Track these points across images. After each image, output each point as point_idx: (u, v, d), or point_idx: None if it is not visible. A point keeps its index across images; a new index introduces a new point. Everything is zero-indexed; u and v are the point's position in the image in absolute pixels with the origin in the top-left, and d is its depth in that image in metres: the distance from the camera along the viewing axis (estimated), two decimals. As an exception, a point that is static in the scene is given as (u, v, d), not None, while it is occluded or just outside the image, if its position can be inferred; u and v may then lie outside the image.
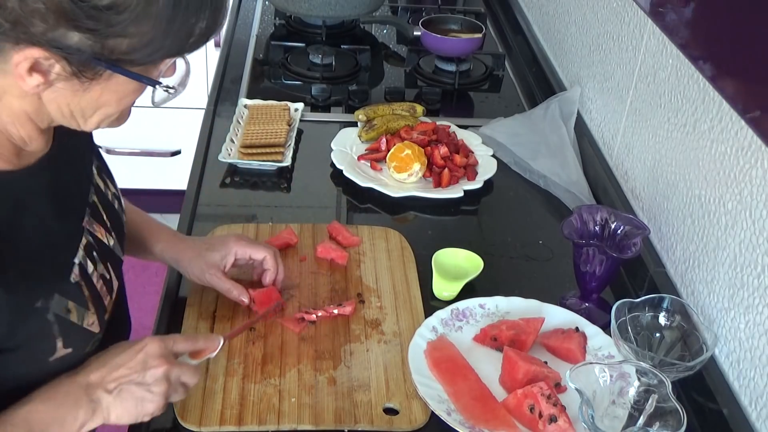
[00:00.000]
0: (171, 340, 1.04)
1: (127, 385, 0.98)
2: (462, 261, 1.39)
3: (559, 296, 1.37)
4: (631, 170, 1.54)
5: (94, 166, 1.09)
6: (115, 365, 0.99)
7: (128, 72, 0.86)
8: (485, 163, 1.69)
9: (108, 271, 1.04)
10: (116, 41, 0.83)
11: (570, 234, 1.30)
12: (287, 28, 2.28)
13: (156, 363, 0.99)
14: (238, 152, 1.65)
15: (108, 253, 1.05)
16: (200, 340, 1.08)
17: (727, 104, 0.85)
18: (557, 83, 1.94)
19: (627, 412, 1.10)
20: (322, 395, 1.14)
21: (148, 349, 1.00)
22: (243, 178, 1.63)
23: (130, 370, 0.99)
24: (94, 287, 1.00)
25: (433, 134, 1.71)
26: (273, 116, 1.75)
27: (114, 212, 1.10)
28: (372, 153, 1.68)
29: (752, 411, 1.11)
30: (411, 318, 1.28)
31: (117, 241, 1.09)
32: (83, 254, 1.00)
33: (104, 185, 1.10)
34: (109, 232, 1.07)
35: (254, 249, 1.26)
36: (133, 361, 0.99)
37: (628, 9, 1.57)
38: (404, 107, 1.79)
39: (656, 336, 1.20)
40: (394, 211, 1.57)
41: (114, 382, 0.98)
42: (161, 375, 0.99)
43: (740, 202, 1.15)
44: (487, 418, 1.10)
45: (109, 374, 0.98)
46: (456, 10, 2.45)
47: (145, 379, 0.99)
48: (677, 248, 1.34)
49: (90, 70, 0.85)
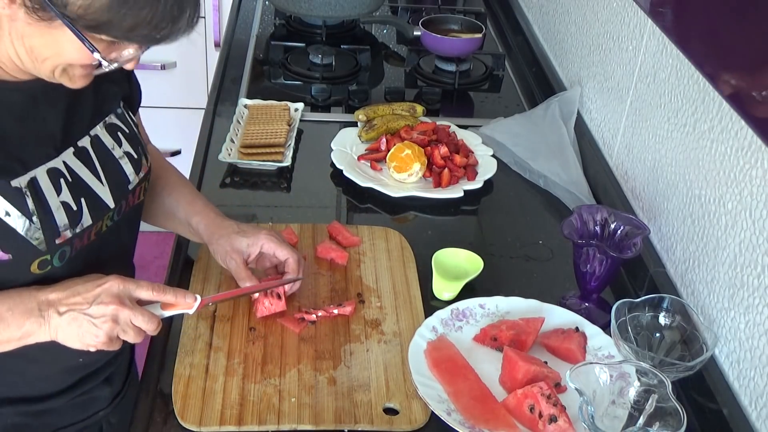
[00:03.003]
0: (134, 284, 1.06)
1: (75, 313, 1.03)
2: (462, 261, 1.39)
3: (559, 296, 1.37)
4: (631, 170, 1.54)
5: (105, 123, 1.14)
6: (74, 291, 1.04)
7: (74, 28, 0.90)
8: (485, 163, 1.69)
9: (78, 205, 1.07)
10: None
11: (570, 234, 1.30)
12: (287, 28, 2.28)
13: (107, 300, 1.03)
14: (238, 152, 1.65)
15: (86, 191, 1.09)
16: (168, 293, 1.09)
17: (727, 104, 0.85)
18: (557, 83, 1.94)
19: (627, 412, 1.10)
20: (322, 395, 1.14)
21: (107, 285, 1.04)
22: (243, 178, 1.63)
23: (83, 300, 1.04)
24: (46, 206, 1.03)
25: (433, 134, 1.72)
26: (273, 116, 1.75)
27: (116, 166, 1.14)
28: (372, 153, 1.68)
29: (752, 411, 1.11)
30: (411, 318, 1.28)
31: (110, 191, 1.12)
32: (45, 176, 1.04)
33: (115, 143, 1.15)
34: (98, 178, 1.11)
35: (281, 248, 1.27)
36: (90, 293, 1.04)
37: (628, 9, 1.57)
38: (404, 107, 1.79)
39: (656, 336, 1.20)
40: (394, 211, 1.58)
41: (66, 306, 1.03)
42: (108, 313, 1.03)
43: (740, 202, 1.15)
44: (487, 418, 1.10)
45: (66, 298, 1.03)
46: (456, 10, 2.45)
47: (93, 312, 1.03)
48: (677, 248, 1.34)
49: (43, 11, 0.89)
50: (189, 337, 1.21)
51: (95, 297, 1.04)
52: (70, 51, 0.94)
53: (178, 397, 1.11)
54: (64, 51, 0.94)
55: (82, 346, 1.05)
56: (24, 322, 1.02)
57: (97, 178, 1.11)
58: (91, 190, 1.10)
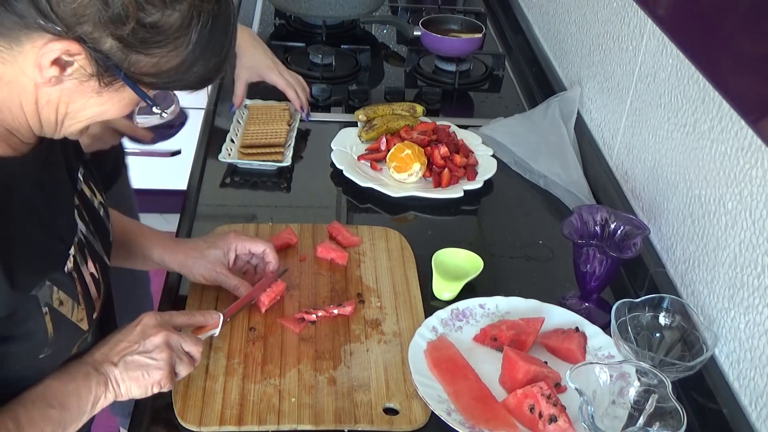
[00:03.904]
0: (167, 314, 1.07)
1: (130, 356, 1.01)
2: (462, 261, 1.39)
3: (559, 296, 1.37)
4: (631, 170, 1.54)
5: (80, 173, 1.09)
6: (115, 341, 1.03)
7: (139, 89, 0.89)
8: (485, 163, 1.69)
9: (97, 271, 1.05)
10: (140, 57, 0.85)
11: (570, 234, 1.30)
12: (287, 28, 2.28)
13: (154, 331, 1.03)
14: (238, 152, 1.65)
15: (96, 254, 1.06)
16: (197, 315, 1.11)
17: (727, 104, 0.85)
18: (557, 83, 1.94)
19: (627, 412, 1.10)
20: (322, 395, 1.14)
21: (145, 321, 1.05)
22: (243, 178, 1.63)
23: (130, 342, 1.03)
24: (85, 283, 1.00)
25: (433, 134, 1.72)
26: (273, 116, 1.75)
27: (100, 220, 1.10)
28: (372, 153, 1.68)
29: (752, 411, 1.11)
30: (411, 318, 1.28)
31: (102, 248, 1.09)
32: (77, 249, 1.00)
33: (90, 193, 1.10)
34: (94, 236, 1.07)
35: (253, 243, 1.29)
36: (131, 334, 1.03)
37: (628, 9, 1.57)
38: (404, 107, 1.79)
39: (656, 336, 1.20)
40: (394, 211, 1.57)
41: (117, 355, 1.02)
42: (161, 341, 1.02)
43: (740, 202, 1.15)
44: (487, 418, 1.10)
45: (111, 349, 1.02)
46: (456, 10, 2.45)
47: (146, 347, 1.02)
48: (677, 248, 1.34)
49: (109, 76, 0.86)
50: (189, 337, 1.21)
51: (141, 334, 1.03)
52: (118, 108, 0.92)
53: (178, 397, 1.11)
54: (111, 109, 0.91)
55: (147, 388, 1.02)
56: (91, 386, 0.99)
57: (93, 236, 1.06)
58: (95, 251, 1.06)
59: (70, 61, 0.84)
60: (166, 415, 1.10)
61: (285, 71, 1.75)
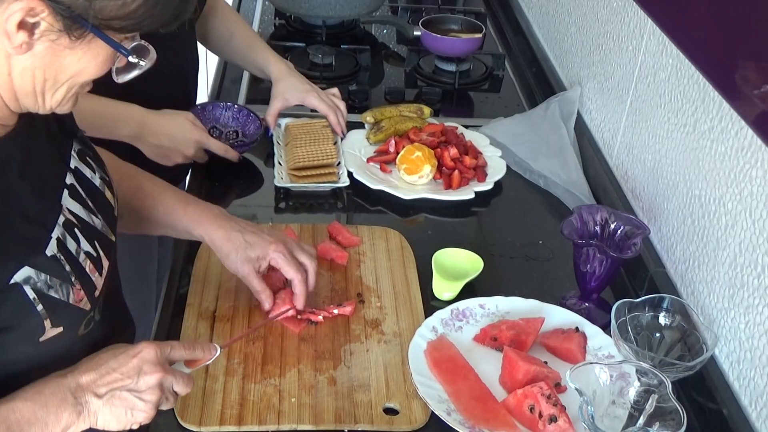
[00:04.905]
0: (168, 347, 1.02)
1: (119, 391, 0.96)
2: (462, 261, 1.39)
3: (559, 296, 1.37)
4: (631, 170, 1.54)
5: (75, 150, 1.06)
6: (108, 369, 0.97)
7: (108, 38, 0.86)
8: (494, 164, 1.68)
9: (95, 250, 1.02)
10: (103, 3, 0.83)
11: (570, 234, 1.30)
12: (287, 28, 2.28)
13: (150, 370, 0.97)
14: (289, 175, 1.59)
15: (94, 232, 1.03)
16: (197, 348, 1.06)
17: (727, 104, 0.85)
18: (557, 83, 1.94)
19: (627, 412, 1.10)
20: (322, 395, 1.14)
21: (144, 354, 0.98)
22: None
23: (123, 376, 0.96)
24: (77, 263, 0.97)
25: (442, 136, 1.71)
26: (316, 136, 1.68)
27: (101, 197, 1.07)
28: (381, 155, 1.68)
29: (752, 411, 1.11)
30: (411, 318, 1.28)
31: (106, 224, 1.06)
32: (62, 230, 0.97)
33: (90, 170, 1.07)
34: (93, 214, 1.04)
35: (288, 266, 1.23)
36: (127, 366, 0.97)
37: (628, 9, 1.57)
38: (411, 109, 1.79)
39: (656, 336, 1.20)
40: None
41: (106, 386, 0.96)
42: (155, 383, 0.97)
43: (740, 202, 1.15)
44: (487, 418, 1.10)
45: (101, 378, 0.96)
46: (456, 10, 2.45)
47: (138, 386, 0.97)
48: (677, 248, 1.34)
49: (77, 29, 0.84)
50: (189, 337, 1.21)
51: (136, 369, 0.97)
52: (96, 65, 0.89)
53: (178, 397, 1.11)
54: (88, 67, 0.88)
55: (126, 425, 0.98)
56: (61, 415, 0.93)
57: (93, 214, 1.04)
58: (94, 228, 1.03)
59: (36, 22, 0.82)
60: (166, 415, 1.10)
61: (323, 95, 1.72)
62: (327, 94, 1.74)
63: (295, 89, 1.70)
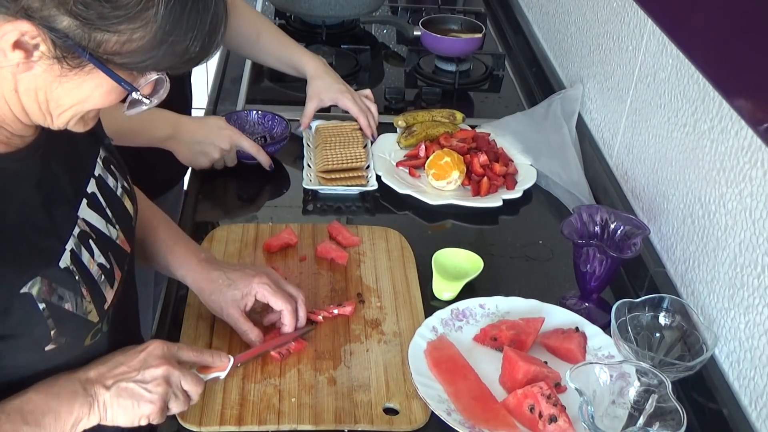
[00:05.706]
0: (176, 346, 1.05)
1: (125, 383, 0.98)
2: (462, 261, 1.39)
3: (559, 296, 1.37)
4: (631, 170, 1.54)
5: (101, 158, 1.06)
6: (115, 363, 1.00)
7: (109, 70, 0.84)
8: (525, 172, 1.66)
9: (108, 262, 1.02)
10: (104, 36, 0.81)
11: (570, 234, 1.30)
12: (287, 28, 2.28)
13: (156, 362, 1.00)
14: (318, 177, 1.59)
15: (109, 243, 1.03)
16: (206, 354, 1.08)
17: (727, 104, 0.85)
18: (557, 83, 1.94)
19: (627, 412, 1.10)
20: (322, 395, 1.14)
21: (150, 349, 1.01)
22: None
23: (129, 368, 1.00)
24: (89, 275, 0.98)
25: (473, 142, 1.69)
26: (346, 138, 1.68)
27: (120, 206, 1.08)
28: (411, 159, 1.67)
29: (752, 411, 1.11)
30: (411, 318, 1.28)
31: (122, 234, 1.06)
32: (77, 242, 0.97)
33: (113, 178, 1.08)
34: (111, 223, 1.04)
35: (275, 297, 1.19)
36: (134, 359, 1.00)
37: (628, 9, 1.57)
38: (444, 114, 1.78)
39: (656, 336, 1.20)
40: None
41: (112, 378, 0.98)
42: (160, 375, 1.00)
43: (740, 202, 1.15)
44: (487, 418, 1.10)
45: (108, 371, 0.99)
46: (456, 10, 2.45)
47: (144, 377, 0.99)
48: (677, 248, 1.34)
49: (74, 58, 0.82)
50: (189, 338, 1.21)
51: (142, 362, 0.99)
52: (98, 96, 0.87)
53: (178, 397, 1.11)
54: (91, 97, 0.87)
55: (134, 419, 0.99)
56: (73, 406, 0.95)
57: (110, 224, 1.04)
58: (109, 239, 1.03)
59: (35, 44, 0.81)
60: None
61: (357, 97, 1.72)
62: (360, 95, 1.73)
63: (330, 89, 1.71)
